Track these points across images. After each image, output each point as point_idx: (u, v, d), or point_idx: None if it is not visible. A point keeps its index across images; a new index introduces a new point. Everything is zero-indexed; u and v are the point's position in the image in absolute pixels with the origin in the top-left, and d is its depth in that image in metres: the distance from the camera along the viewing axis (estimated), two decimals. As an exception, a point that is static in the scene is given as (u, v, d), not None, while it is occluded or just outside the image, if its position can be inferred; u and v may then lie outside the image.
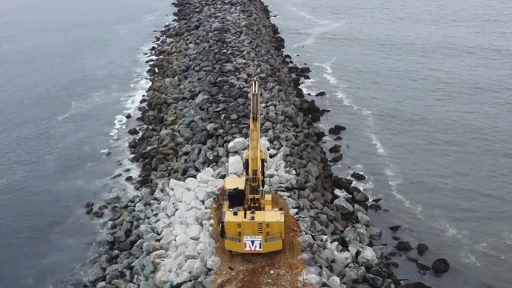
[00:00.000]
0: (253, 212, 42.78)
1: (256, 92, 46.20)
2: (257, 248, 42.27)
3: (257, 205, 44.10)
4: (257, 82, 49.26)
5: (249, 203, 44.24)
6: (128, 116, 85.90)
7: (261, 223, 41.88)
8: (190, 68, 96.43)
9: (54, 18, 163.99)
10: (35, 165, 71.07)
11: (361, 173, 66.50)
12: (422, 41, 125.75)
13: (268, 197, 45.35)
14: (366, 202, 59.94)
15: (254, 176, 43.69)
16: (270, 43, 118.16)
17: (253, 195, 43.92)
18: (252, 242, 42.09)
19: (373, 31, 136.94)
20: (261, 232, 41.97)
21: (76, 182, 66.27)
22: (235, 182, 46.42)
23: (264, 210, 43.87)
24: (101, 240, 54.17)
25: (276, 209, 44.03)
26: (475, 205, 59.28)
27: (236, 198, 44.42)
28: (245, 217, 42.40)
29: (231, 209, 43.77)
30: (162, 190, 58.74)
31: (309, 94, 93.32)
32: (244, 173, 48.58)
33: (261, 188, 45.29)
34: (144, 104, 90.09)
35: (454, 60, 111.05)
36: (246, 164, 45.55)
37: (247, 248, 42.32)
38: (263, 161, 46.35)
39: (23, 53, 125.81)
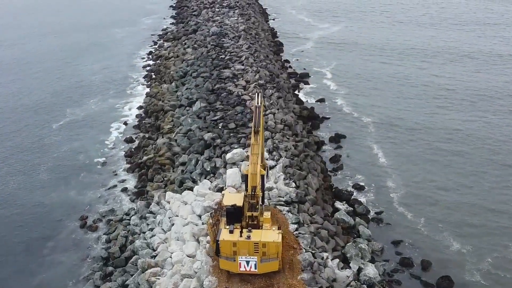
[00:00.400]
0: (249, 231, 41.05)
1: (259, 104, 44.71)
2: (252, 269, 40.56)
3: (255, 222, 42.44)
4: (260, 93, 47.85)
5: (247, 220, 42.58)
6: (125, 124, 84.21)
7: (257, 243, 40.18)
8: (187, 74, 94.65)
9: (49, 21, 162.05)
10: (28, 175, 69.21)
11: (362, 184, 64.96)
12: (422, 46, 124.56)
13: (267, 214, 43.58)
14: (368, 215, 58.36)
15: (253, 193, 42.09)
16: (269, 48, 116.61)
17: (251, 212, 42.28)
18: (247, 262, 40.39)
19: (373, 35, 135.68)
20: (257, 252, 40.29)
21: (69, 193, 64.51)
22: (233, 198, 44.52)
23: (262, 228, 42.16)
24: (95, 256, 52.31)
25: (274, 228, 42.21)
26: (480, 219, 57.63)
27: (234, 215, 42.56)
28: (241, 235, 40.68)
29: (227, 227, 42.09)
30: (158, 203, 57.06)
31: (307, 101, 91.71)
32: (243, 187, 46.90)
33: (260, 204, 43.68)
34: (141, 111, 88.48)
35: (455, 65, 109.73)
36: (245, 179, 43.91)
37: (242, 269, 40.64)
38: (263, 176, 44.68)
39: (17, 58, 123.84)
